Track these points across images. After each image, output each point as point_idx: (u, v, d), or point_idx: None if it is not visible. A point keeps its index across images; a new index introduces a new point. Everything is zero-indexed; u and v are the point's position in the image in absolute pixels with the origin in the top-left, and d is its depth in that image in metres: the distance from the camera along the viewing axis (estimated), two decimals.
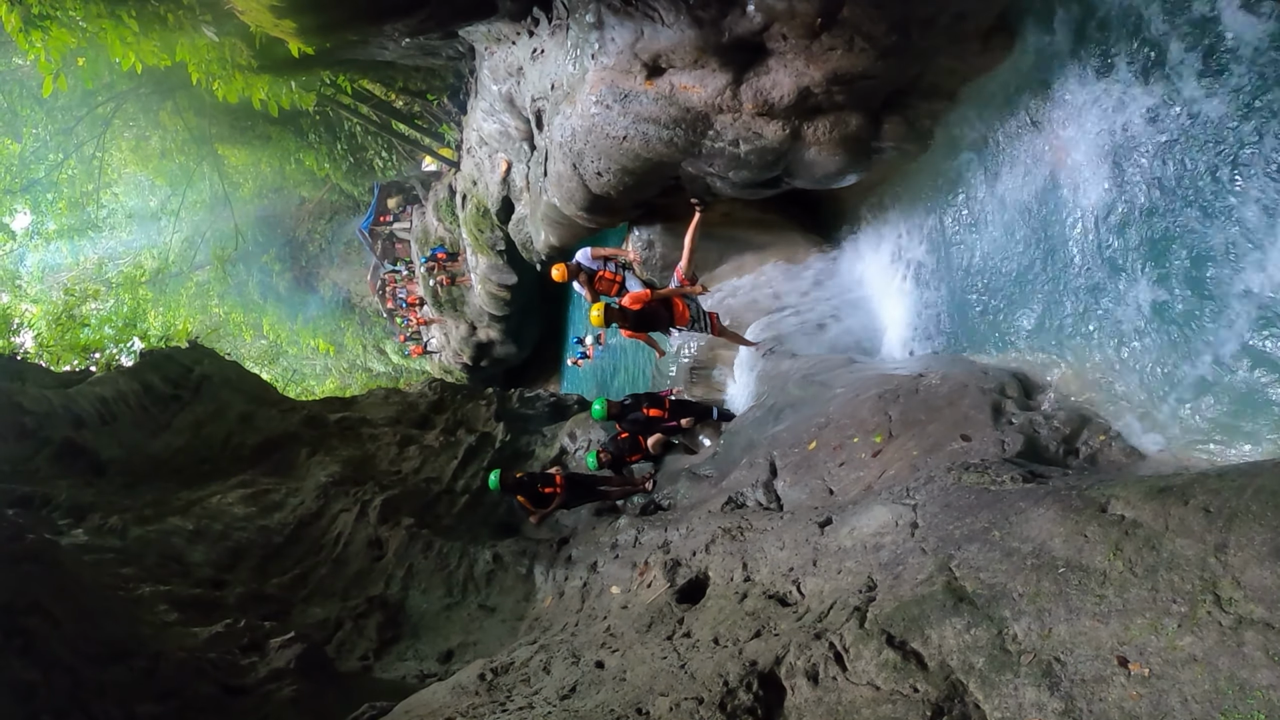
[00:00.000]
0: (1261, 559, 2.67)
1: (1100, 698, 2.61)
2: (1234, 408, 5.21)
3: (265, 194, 32.13)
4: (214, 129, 24.10)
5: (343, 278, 37.24)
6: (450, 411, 15.19)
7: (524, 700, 4.32)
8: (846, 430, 6.68)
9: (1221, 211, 5.65)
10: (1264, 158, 5.46)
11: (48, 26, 9.69)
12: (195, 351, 14.56)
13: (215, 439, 12.55)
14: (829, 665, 3.35)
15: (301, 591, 8.69)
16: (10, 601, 4.48)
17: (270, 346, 38.10)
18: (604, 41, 8.71)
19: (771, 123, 8.17)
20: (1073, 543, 3.27)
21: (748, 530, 5.82)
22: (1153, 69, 6.42)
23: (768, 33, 7.76)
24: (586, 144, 9.38)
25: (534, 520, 10.05)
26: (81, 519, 8.70)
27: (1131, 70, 6.63)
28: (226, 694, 5.26)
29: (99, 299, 25.99)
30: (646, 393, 10.27)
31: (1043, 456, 5.19)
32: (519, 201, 15.62)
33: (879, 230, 10.21)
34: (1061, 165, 7.25)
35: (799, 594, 4.39)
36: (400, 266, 31.11)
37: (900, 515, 4.43)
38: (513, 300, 23.21)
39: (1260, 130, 5.52)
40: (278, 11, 9.26)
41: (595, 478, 9.95)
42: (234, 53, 11.61)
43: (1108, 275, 6.49)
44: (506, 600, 8.51)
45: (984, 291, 8.06)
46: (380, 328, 37.12)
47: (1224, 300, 5.49)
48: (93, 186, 24.99)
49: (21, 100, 20.23)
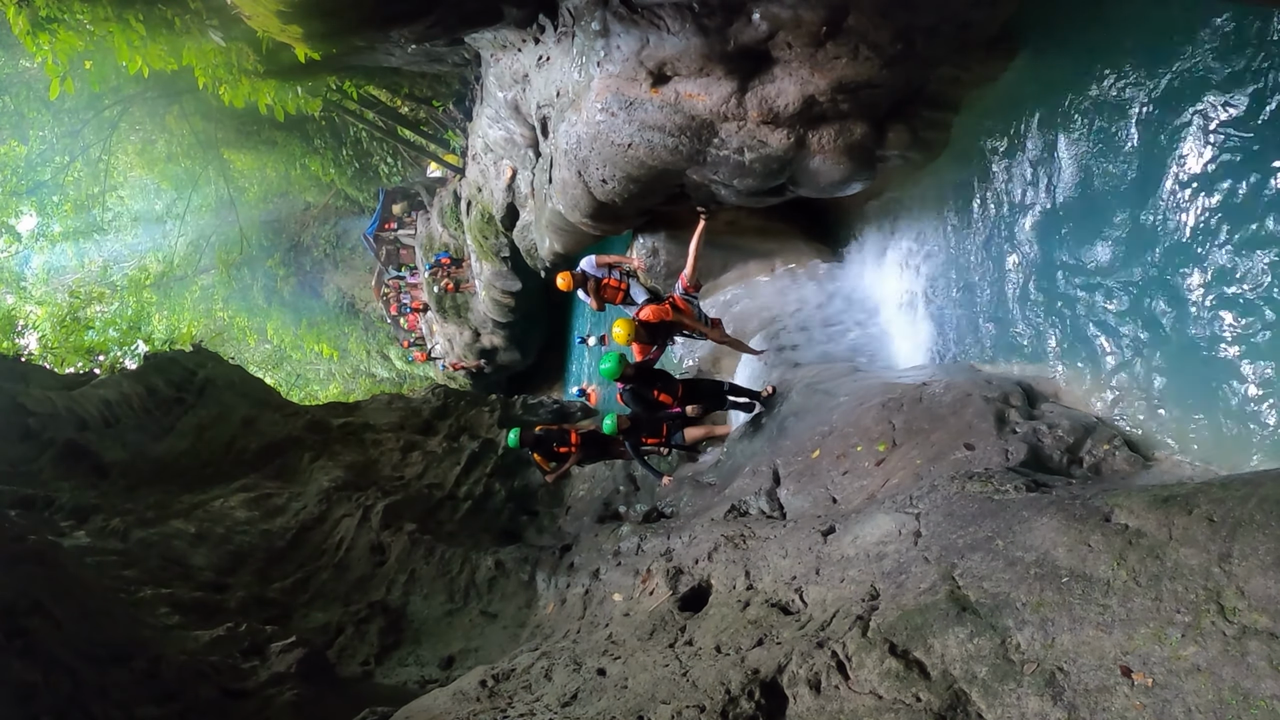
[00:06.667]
0: (1265, 569, 2.66)
1: (1104, 708, 2.60)
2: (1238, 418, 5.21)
3: (270, 199, 32.20)
4: (220, 133, 24.20)
5: (347, 283, 37.34)
6: (454, 418, 15.23)
7: (525, 707, 4.31)
8: (850, 439, 6.68)
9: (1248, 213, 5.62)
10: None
11: (55, 29, 9.73)
12: (199, 355, 14.62)
13: (218, 443, 12.57)
14: (831, 674, 3.34)
15: (303, 596, 8.69)
16: (12, 602, 4.49)
17: (274, 351, 38.23)
18: (609, 49, 8.73)
19: (776, 131, 8.18)
20: (1076, 552, 3.26)
21: (750, 538, 5.81)
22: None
23: (773, 41, 7.78)
24: (592, 151, 9.39)
25: (549, 479, 10.16)
26: (84, 521, 8.72)
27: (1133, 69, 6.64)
28: (227, 697, 5.25)
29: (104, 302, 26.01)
30: (661, 370, 9.27)
31: (1046, 466, 5.18)
32: (524, 208, 15.64)
33: (884, 238, 10.20)
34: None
35: (801, 602, 4.39)
36: (405, 272, 31.18)
37: (903, 524, 4.43)
38: (517, 307, 23.21)
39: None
40: (284, 17, 9.28)
41: (611, 439, 9.72)
42: (240, 57, 11.65)
43: (1117, 285, 6.49)
44: (508, 607, 8.51)
45: (989, 300, 8.05)
46: (384, 333, 37.19)
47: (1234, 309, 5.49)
48: (98, 189, 25.04)
49: (28, 103, 20.29)
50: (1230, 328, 5.45)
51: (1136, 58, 6.59)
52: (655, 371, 9.03)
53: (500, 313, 23.84)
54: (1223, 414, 5.31)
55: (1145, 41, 6.55)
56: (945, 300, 8.78)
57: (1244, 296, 5.40)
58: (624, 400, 9.03)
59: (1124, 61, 6.72)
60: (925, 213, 9.30)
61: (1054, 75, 7.57)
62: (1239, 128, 5.66)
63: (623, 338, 8.08)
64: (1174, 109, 6.19)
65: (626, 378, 8.60)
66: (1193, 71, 6.08)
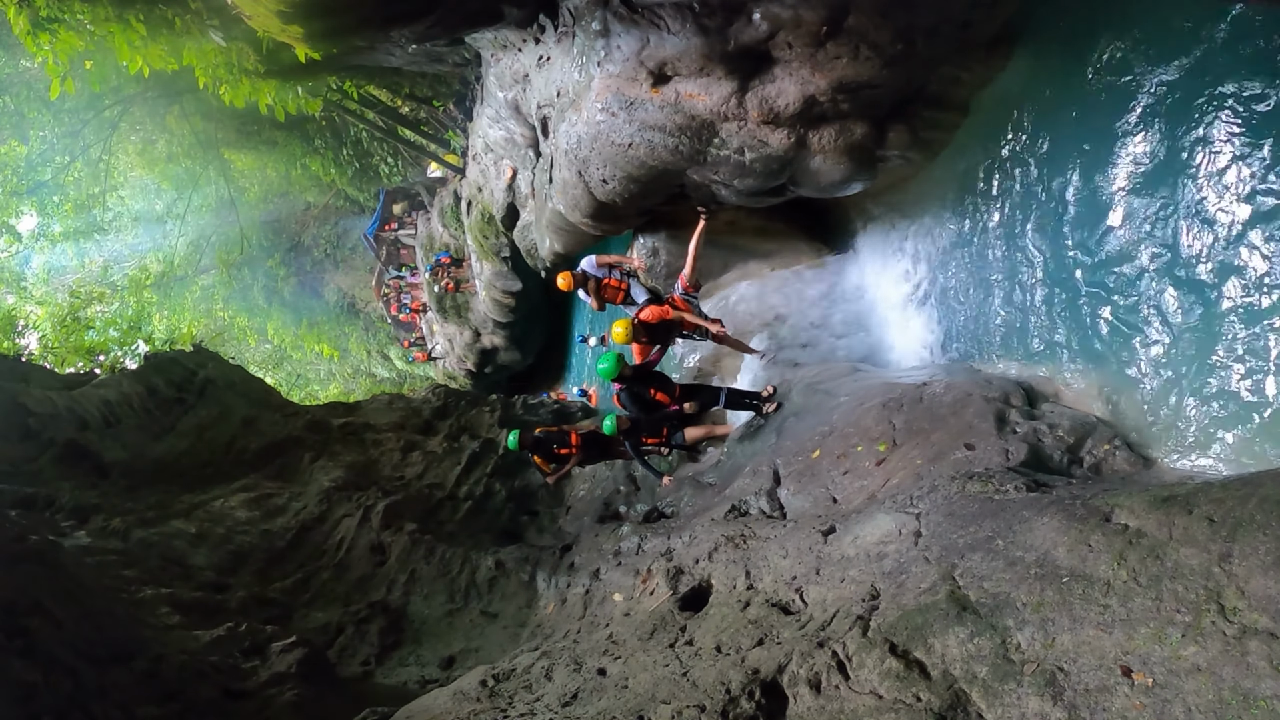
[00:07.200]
0: (1265, 569, 2.66)
1: (1104, 708, 2.60)
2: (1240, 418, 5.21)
3: (271, 199, 32.18)
4: (220, 133, 24.18)
5: (347, 283, 37.32)
6: (454, 418, 15.21)
7: (525, 707, 4.31)
8: (850, 439, 6.67)
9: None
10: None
11: (56, 29, 9.73)
12: (199, 355, 14.60)
13: (218, 442, 12.57)
14: (831, 674, 3.34)
15: (303, 596, 8.69)
16: (12, 602, 4.49)
17: (274, 351, 38.18)
18: (610, 49, 8.73)
19: (777, 131, 8.18)
20: (1076, 552, 3.27)
21: (751, 538, 5.81)
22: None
23: (773, 41, 7.78)
24: (592, 151, 9.39)
25: (549, 481, 10.16)
26: (84, 521, 8.72)
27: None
28: (227, 697, 5.25)
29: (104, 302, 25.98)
30: (658, 372, 9.33)
31: (1047, 466, 5.18)
32: (524, 208, 15.64)
33: (885, 238, 10.20)
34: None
35: (802, 602, 4.39)
36: (405, 272, 31.16)
37: (904, 524, 4.43)
38: (517, 307, 23.19)
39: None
40: (285, 17, 9.28)
41: (612, 439, 9.67)
42: (241, 57, 11.65)
43: (1118, 284, 6.48)
44: (508, 607, 8.50)
45: (989, 300, 8.05)
46: (384, 333, 37.16)
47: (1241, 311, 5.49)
48: (99, 189, 25.01)
49: (29, 103, 20.26)
50: (1231, 327, 5.45)
51: (1137, 56, 6.59)
52: (652, 372, 9.09)
53: (500, 312, 23.81)
54: (1224, 414, 5.31)
55: (1146, 40, 6.56)
56: (945, 300, 8.78)
57: (1246, 296, 5.40)
58: (620, 401, 9.09)
59: (1124, 60, 6.72)
60: (925, 213, 9.30)
61: (1054, 75, 7.57)
62: (1241, 125, 5.66)
63: (622, 337, 8.10)
64: (1175, 108, 6.19)
65: (624, 378, 8.63)
66: (1195, 70, 6.08)
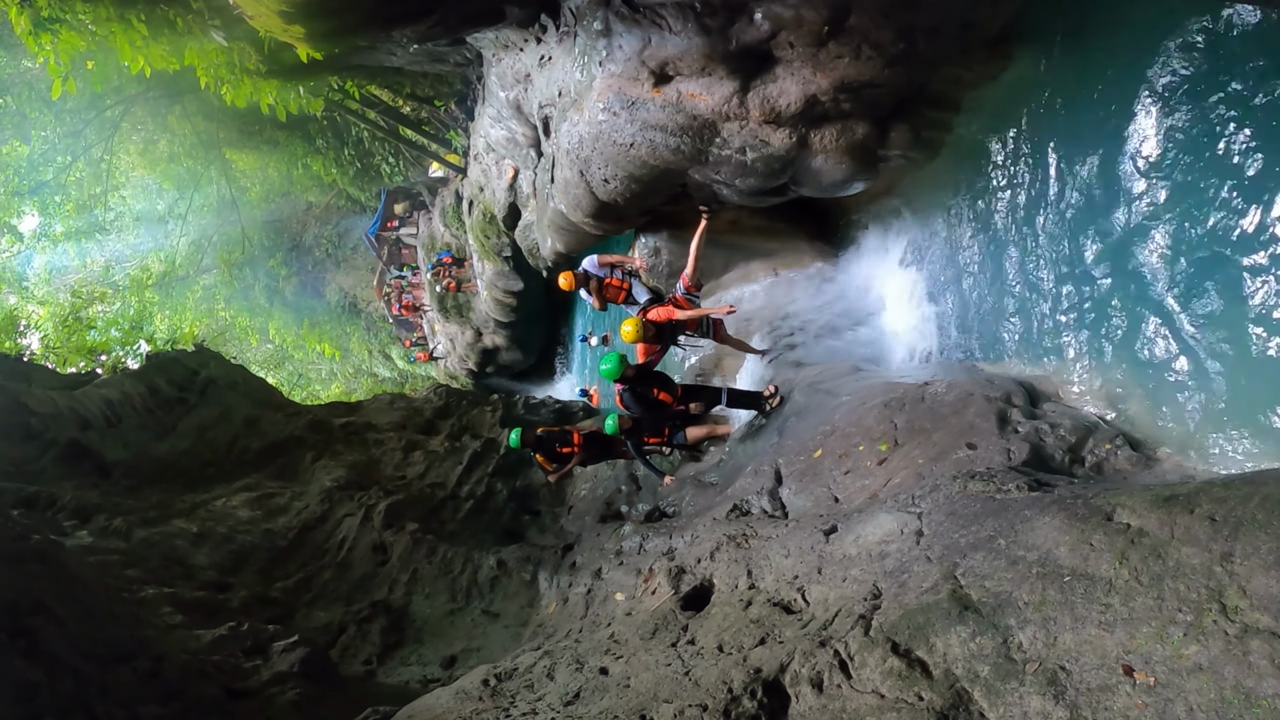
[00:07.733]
0: (1268, 568, 2.66)
1: (1106, 707, 2.60)
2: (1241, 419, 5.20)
3: (272, 198, 32.14)
4: (222, 133, 24.15)
5: (349, 283, 37.32)
6: (455, 417, 15.23)
7: (527, 706, 4.31)
8: (852, 438, 6.67)
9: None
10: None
11: (57, 29, 9.73)
12: (201, 355, 14.63)
13: (220, 442, 12.59)
14: (833, 673, 3.34)
15: (305, 595, 8.70)
16: (14, 601, 4.50)
17: (276, 351, 38.19)
18: (611, 49, 8.73)
19: (778, 131, 8.17)
20: (1078, 551, 3.26)
21: (753, 538, 5.81)
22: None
23: (775, 41, 7.78)
24: (594, 151, 9.39)
25: (551, 479, 10.17)
26: (86, 520, 8.72)
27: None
28: (229, 696, 5.26)
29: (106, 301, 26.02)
30: (659, 372, 9.30)
31: (1048, 465, 5.18)
32: (526, 208, 15.65)
33: (886, 238, 10.20)
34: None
35: (804, 602, 4.38)
36: (406, 272, 31.19)
37: (905, 523, 4.42)
38: (519, 306, 23.22)
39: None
40: (286, 17, 9.28)
41: (614, 439, 9.68)
42: (242, 57, 11.65)
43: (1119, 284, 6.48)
44: (510, 606, 8.51)
45: (991, 299, 8.05)
46: (386, 333, 37.17)
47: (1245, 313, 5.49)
48: (100, 189, 25.00)
49: (30, 103, 20.25)
50: (1233, 327, 5.44)
51: (1139, 56, 6.59)
52: (654, 372, 9.09)
53: (502, 312, 23.84)
54: (1225, 414, 5.30)
55: (1147, 39, 6.55)
56: (947, 299, 8.78)
57: (1246, 296, 5.40)
58: (622, 401, 9.07)
59: (1125, 60, 6.71)
60: (927, 212, 9.30)
61: (1055, 74, 7.57)
62: (1244, 124, 5.66)
63: (631, 336, 8.13)
64: (1176, 107, 6.18)
65: (626, 378, 8.63)
66: (1195, 69, 6.07)
